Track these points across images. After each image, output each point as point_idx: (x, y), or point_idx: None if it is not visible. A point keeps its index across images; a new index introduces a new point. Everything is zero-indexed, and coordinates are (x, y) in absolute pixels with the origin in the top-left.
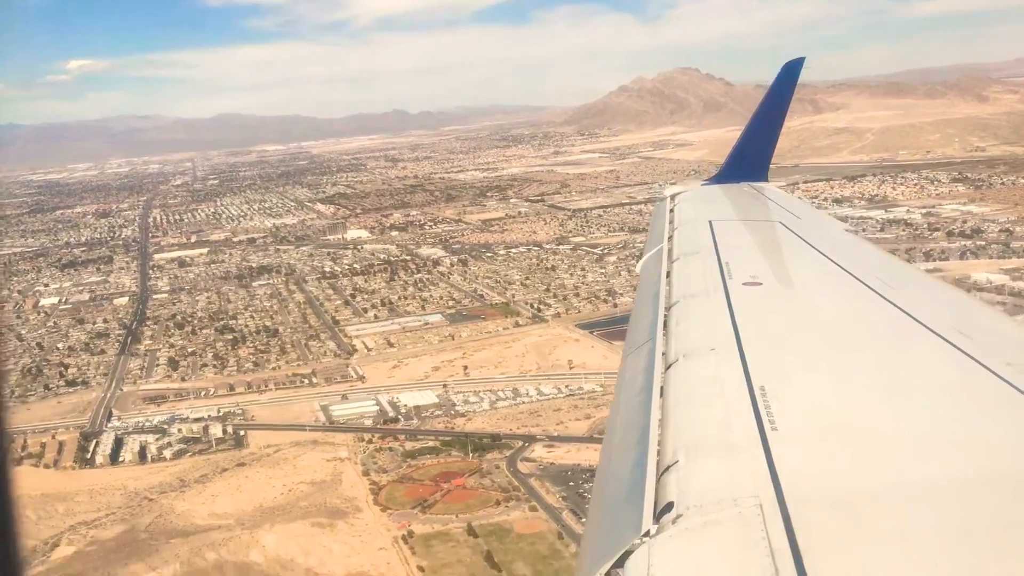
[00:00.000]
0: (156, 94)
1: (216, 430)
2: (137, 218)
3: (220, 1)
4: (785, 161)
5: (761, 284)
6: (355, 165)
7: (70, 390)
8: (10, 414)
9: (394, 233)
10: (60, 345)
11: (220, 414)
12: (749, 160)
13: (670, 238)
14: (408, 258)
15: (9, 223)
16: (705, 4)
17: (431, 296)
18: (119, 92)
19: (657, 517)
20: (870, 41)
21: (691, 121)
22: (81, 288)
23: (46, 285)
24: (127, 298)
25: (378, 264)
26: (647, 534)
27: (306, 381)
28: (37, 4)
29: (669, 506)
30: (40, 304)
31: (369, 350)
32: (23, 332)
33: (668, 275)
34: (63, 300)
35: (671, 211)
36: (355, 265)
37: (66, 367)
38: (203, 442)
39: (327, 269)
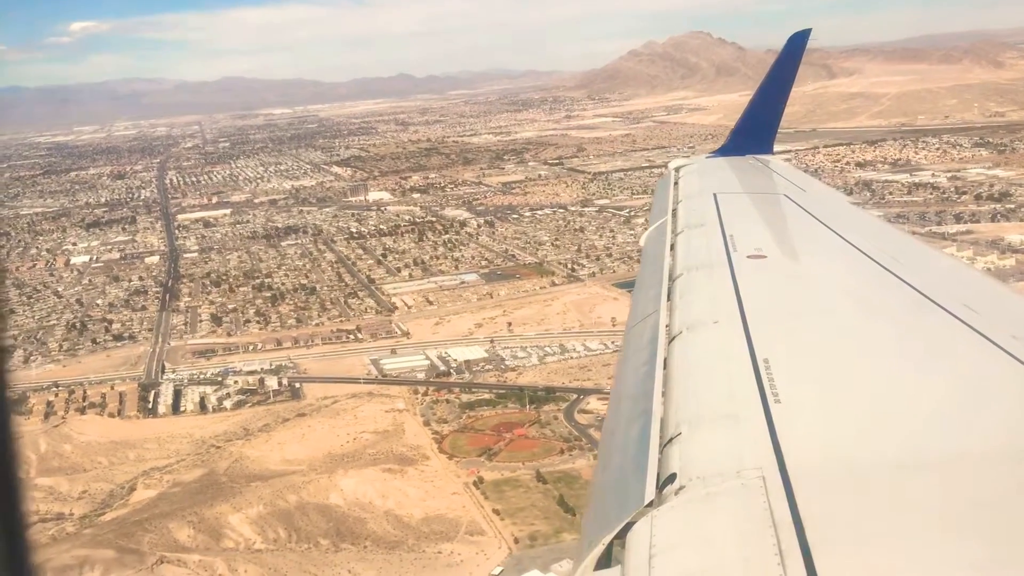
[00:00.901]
0: (159, 57)
1: (272, 382)
2: (153, 180)
3: None
4: (802, 126)
5: (765, 257)
6: (365, 128)
7: (118, 344)
8: (12, 383)
9: (416, 195)
10: (99, 302)
11: (273, 367)
12: (754, 132)
13: (674, 211)
14: (434, 219)
15: (24, 184)
16: None
17: (463, 256)
18: (122, 54)
19: (660, 488)
20: (880, 6)
21: (703, 86)
22: (110, 247)
23: (74, 244)
24: (158, 257)
25: (404, 225)
26: (650, 505)
27: (351, 336)
28: None
29: (672, 477)
30: (71, 262)
31: (409, 307)
32: (60, 289)
33: (672, 248)
34: (94, 258)
35: (675, 184)
36: (381, 226)
37: (110, 322)
38: (260, 393)
39: (353, 230)
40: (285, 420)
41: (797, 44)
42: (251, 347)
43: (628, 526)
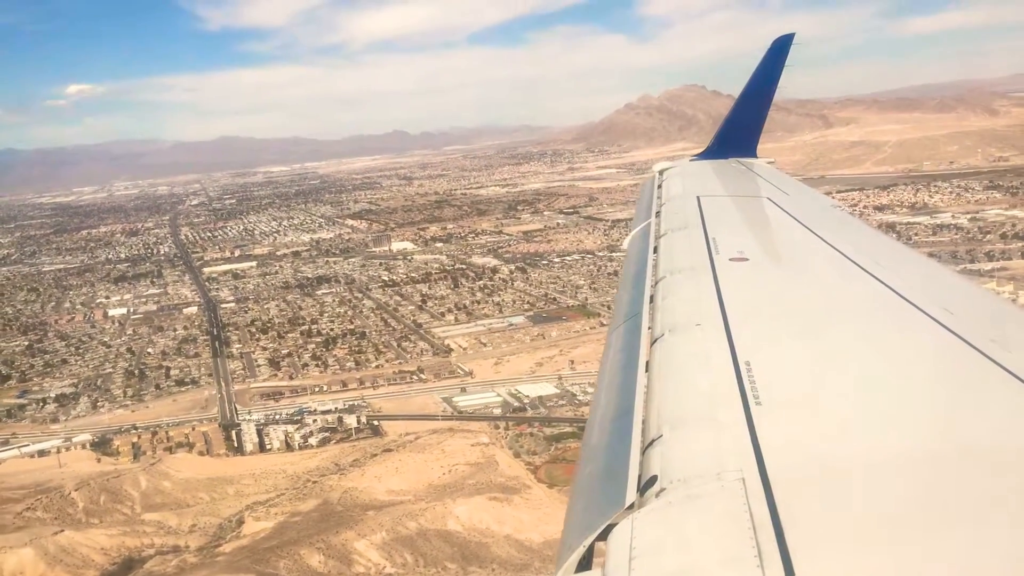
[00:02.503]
0: (155, 118)
1: (351, 420)
2: (168, 236)
3: (217, 25)
4: (809, 173)
5: (748, 260)
6: (369, 183)
7: (181, 389)
8: None
9: (439, 244)
10: (150, 350)
11: (346, 407)
12: (738, 135)
13: (657, 213)
14: (464, 267)
15: (39, 243)
16: (699, 23)
17: (503, 300)
18: (118, 116)
19: (641, 491)
20: (870, 58)
21: (700, 137)
22: (144, 299)
23: (107, 297)
24: (195, 308)
25: (435, 273)
26: (630, 507)
27: (415, 377)
28: (35, 29)
29: (653, 480)
30: (109, 314)
31: (464, 349)
32: (106, 340)
33: (655, 250)
34: (131, 311)
35: (659, 187)
36: (412, 274)
37: (168, 369)
38: (342, 431)
39: (385, 278)
40: (373, 455)
41: (781, 47)
42: (317, 388)
43: (609, 528)
